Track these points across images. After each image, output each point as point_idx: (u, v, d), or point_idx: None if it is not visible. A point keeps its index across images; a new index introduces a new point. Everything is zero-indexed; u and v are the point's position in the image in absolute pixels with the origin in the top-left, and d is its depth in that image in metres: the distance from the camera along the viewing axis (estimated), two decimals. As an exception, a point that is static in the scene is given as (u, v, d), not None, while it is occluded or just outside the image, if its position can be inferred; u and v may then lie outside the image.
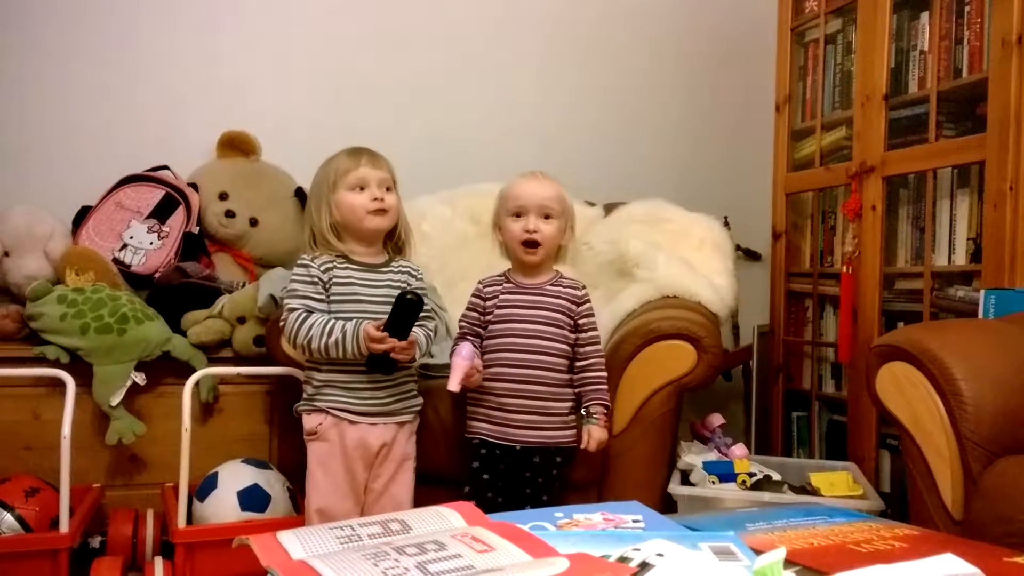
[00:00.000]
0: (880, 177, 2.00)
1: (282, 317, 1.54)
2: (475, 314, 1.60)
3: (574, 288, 1.60)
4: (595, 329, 1.61)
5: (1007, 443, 1.18)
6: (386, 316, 1.44)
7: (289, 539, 0.68)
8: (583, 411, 1.57)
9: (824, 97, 2.30)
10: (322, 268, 1.52)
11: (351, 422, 1.50)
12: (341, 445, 1.50)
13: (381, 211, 1.53)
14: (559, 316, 1.56)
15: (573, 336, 1.57)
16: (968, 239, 1.85)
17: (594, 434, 1.54)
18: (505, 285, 1.60)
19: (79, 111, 2.26)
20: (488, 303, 1.59)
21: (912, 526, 0.72)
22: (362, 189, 1.52)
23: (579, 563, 0.59)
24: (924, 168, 1.91)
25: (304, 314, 1.49)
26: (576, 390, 1.58)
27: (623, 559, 0.60)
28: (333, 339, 1.45)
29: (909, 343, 1.30)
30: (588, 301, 1.61)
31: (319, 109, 2.43)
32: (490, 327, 1.58)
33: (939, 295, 1.86)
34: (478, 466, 1.56)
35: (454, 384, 1.47)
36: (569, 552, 0.63)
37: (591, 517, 0.76)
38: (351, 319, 1.48)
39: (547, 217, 1.56)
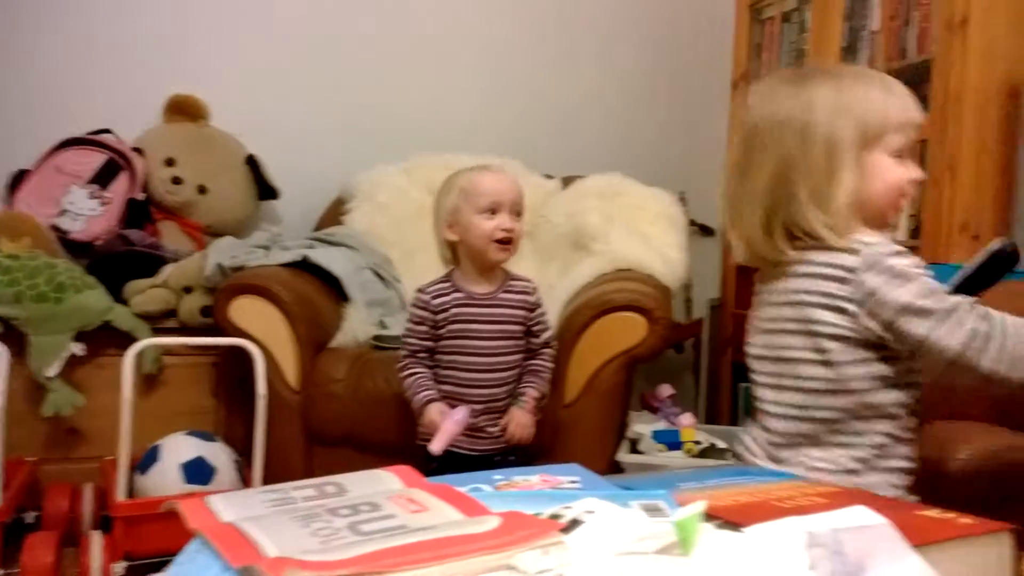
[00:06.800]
0: (829, 154, 2.03)
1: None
2: (424, 328, 1.48)
3: (526, 294, 1.52)
4: (548, 330, 1.57)
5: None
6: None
7: (218, 502, 0.67)
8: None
9: (778, 75, 2.32)
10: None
11: None
12: None
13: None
14: (516, 327, 1.50)
15: (527, 340, 1.53)
16: (909, 215, 1.89)
17: (515, 417, 1.48)
18: (455, 295, 1.48)
19: (15, 70, 2.16)
20: (439, 316, 1.48)
21: (837, 485, 0.74)
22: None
23: (510, 520, 0.59)
24: (871, 146, 1.95)
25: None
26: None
27: (554, 516, 0.60)
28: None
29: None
30: (540, 304, 1.55)
31: (272, 73, 2.37)
32: (443, 341, 1.49)
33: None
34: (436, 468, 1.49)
35: (438, 447, 1.37)
36: (502, 511, 0.63)
37: (530, 479, 0.76)
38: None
39: (518, 214, 1.49)
